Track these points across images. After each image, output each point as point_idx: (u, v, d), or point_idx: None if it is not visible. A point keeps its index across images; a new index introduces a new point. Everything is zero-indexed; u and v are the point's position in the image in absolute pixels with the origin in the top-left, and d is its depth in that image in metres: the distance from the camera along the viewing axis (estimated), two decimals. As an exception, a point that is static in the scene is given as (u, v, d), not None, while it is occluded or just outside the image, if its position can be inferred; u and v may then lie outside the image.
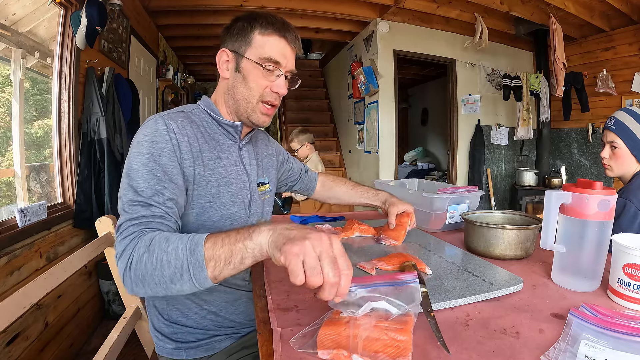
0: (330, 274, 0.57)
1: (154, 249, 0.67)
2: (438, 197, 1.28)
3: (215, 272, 0.64)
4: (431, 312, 0.67)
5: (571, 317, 0.66)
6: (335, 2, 4.10)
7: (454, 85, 4.75)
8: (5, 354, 1.63)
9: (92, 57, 2.59)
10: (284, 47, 0.95)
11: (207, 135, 0.98)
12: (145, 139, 0.84)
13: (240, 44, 0.95)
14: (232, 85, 0.98)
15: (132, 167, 0.81)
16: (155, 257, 0.66)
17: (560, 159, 4.94)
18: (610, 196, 0.79)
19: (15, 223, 1.85)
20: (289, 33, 0.95)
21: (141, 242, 0.70)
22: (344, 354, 0.55)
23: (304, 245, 0.57)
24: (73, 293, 2.29)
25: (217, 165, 0.96)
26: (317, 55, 7.45)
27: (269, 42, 0.93)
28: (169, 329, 1.00)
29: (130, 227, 0.74)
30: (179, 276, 0.65)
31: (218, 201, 0.95)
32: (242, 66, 0.95)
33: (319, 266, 0.57)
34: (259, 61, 0.93)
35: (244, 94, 0.96)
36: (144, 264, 0.67)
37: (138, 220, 0.75)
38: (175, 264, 0.65)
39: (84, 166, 2.41)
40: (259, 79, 0.95)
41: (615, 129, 1.41)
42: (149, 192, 0.78)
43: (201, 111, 1.01)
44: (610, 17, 4.00)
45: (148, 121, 0.88)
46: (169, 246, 0.66)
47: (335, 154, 6.33)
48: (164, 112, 0.92)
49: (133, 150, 0.84)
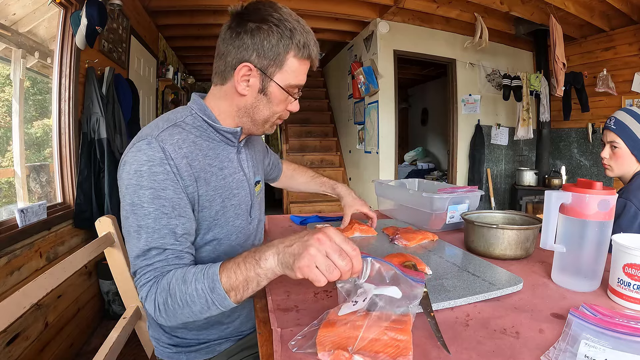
0: (343, 264, 0.61)
1: (174, 292, 0.71)
2: (438, 197, 1.28)
3: (237, 298, 0.69)
4: (431, 312, 0.67)
5: (571, 317, 0.66)
6: (335, 2, 4.10)
7: (454, 85, 4.75)
8: (5, 354, 1.63)
9: (92, 57, 2.59)
10: (308, 69, 0.90)
11: (206, 145, 0.89)
12: (144, 168, 0.76)
13: (269, 63, 0.83)
14: (251, 106, 0.88)
15: (136, 203, 0.76)
16: (179, 298, 0.70)
17: (560, 159, 4.94)
18: (610, 196, 0.79)
19: (15, 223, 1.85)
20: (315, 52, 0.88)
21: (160, 288, 0.73)
22: (345, 355, 0.55)
23: (310, 255, 0.61)
24: (73, 293, 2.29)
25: (219, 179, 0.90)
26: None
27: (302, 69, 0.87)
28: (168, 337, 1.00)
29: (147, 274, 0.76)
30: (206, 309, 0.70)
31: (223, 218, 0.92)
32: (269, 90, 0.86)
33: (332, 262, 0.61)
34: (288, 89, 0.87)
35: (265, 116, 0.90)
36: (170, 307, 0.72)
37: (152, 266, 0.76)
38: (200, 301, 0.69)
39: (84, 166, 2.41)
40: (283, 104, 0.90)
41: (616, 129, 1.41)
42: (161, 232, 0.76)
43: (195, 118, 0.90)
44: (610, 17, 4.00)
45: (141, 142, 0.79)
46: (188, 288, 0.70)
47: (335, 154, 6.33)
48: (156, 129, 0.82)
49: (132, 180, 0.76)
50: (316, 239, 0.62)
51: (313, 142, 6.43)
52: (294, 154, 6.10)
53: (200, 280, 0.69)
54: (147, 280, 0.75)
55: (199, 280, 0.69)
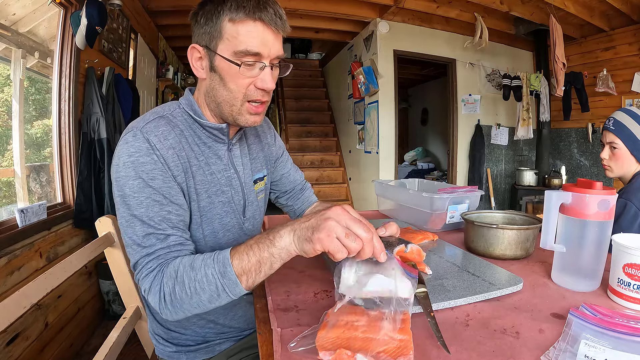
0: (364, 233, 0.61)
1: (182, 280, 0.69)
2: (438, 197, 1.28)
3: (249, 283, 0.67)
4: (431, 312, 0.67)
5: (571, 317, 0.66)
6: (335, 2, 4.10)
7: (454, 85, 4.75)
8: (5, 354, 1.63)
9: (91, 57, 2.59)
10: (263, 31, 0.77)
11: (192, 140, 0.87)
12: (131, 159, 0.75)
13: (210, 37, 0.79)
14: (210, 87, 0.84)
15: (127, 194, 0.75)
16: (187, 286, 0.68)
17: (560, 158, 4.94)
18: (610, 196, 0.79)
19: (15, 223, 1.85)
20: (266, 12, 0.76)
21: (166, 276, 0.71)
22: (347, 354, 0.55)
23: (329, 226, 0.60)
24: (73, 293, 2.29)
25: (206, 174, 0.88)
26: (317, 55, 7.45)
27: (242, 30, 0.76)
28: (168, 335, 1.00)
29: (149, 263, 0.73)
30: (216, 296, 0.68)
31: (210, 213, 0.89)
32: (216, 65, 0.80)
33: (352, 233, 0.61)
34: (234, 58, 0.77)
35: (225, 97, 0.82)
36: (177, 296, 0.69)
37: (155, 254, 0.74)
38: (210, 288, 0.67)
39: (84, 166, 2.41)
40: (239, 78, 0.80)
41: (615, 130, 1.41)
42: (155, 219, 0.75)
43: (183, 112, 0.88)
44: (610, 17, 4.01)
45: (126, 135, 0.78)
46: (197, 274, 0.68)
47: (335, 154, 6.33)
48: (142, 122, 0.81)
49: (121, 172, 0.76)
50: (335, 212, 0.62)
51: (313, 142, 6.43)
52: (294, 154, 6.10)
53: (211, 265, 0.68)
54: (150, 270, 0.73)
55: (208, 266, 0.68)
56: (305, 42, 7.23)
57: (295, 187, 1.21)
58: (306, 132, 6.57)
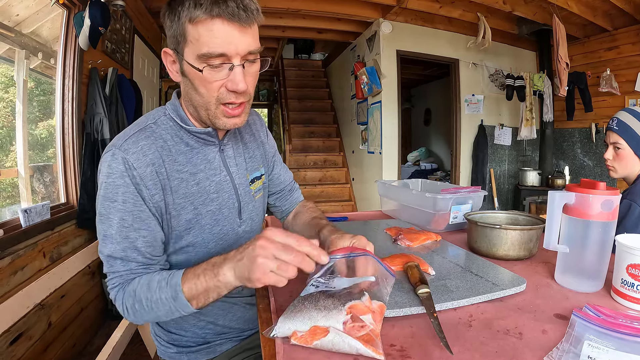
0: (293, 258, 0.61)
1: (140, 299, 0.75)
2: (441, 197, 1.28)
3: (199, 305, 0.72)
4: (434, 312, 0.67)
5: (574, 318, 0.65)
6: (337, 3, 4.10)
7: (457, 85, 4.74)
8: (8, 354, 1.63)
9: (95, 58, 2.60)
10: (225, 29, 0.71)
11: (177, 149, 0.84)
12: (108, 181, 0.76)
13: (176, 40, 0.75)
14: (185, 92, 0.82)
15: (102, 213, 0.78)
16: (144, 304, 0.74)
17: (563, 159, 4.92)
18: (613, 196, 0.79)
19: (18, 223, 1.86)
20: (226, 6, 0.70)
21: (127, 294, 0.77)
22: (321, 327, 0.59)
23: (260, 264, 0.61)
24: (76, 293, 2.29)
25: (190, 186, 0.85)
26: (320, 56, 7.46)
27: (203, 30, 0.71)
28: (168, 337, 1.01)
29: (113, 279, 0.79)
30: (171, 313, 0.74)
31: (197, 225, 0.87)
32: (184, 69, 0.77)
33: (282, 262, 0.61)
34: (198, 62, 0.73)
35: (199, 101, 0.79)
36: (137, 310, 0.76)
37: (118, 274, 0.79)
38: (164, 307, 0.73)
39: (87, 166, 2.42)
40: (207, 83, 0.75)
41: (618, 130, 1.40)
42: (122, 245, 0.77)
43: (168, 119, 0.86)
44: (613, 17, 3.99)
45: (106, 153, 0.78)
46: (152, 295, 0.73)
47: (338, 154, 6.33)
48: (122, 137, 0.80)
49: (100, 191, 0.78)
50: (260, 246, 0.62)
51: (316, 143, 6.43)
52: (297, 154, 6.11)
53: (164, 289, 0.72)
54: (114, 285, 0.79)
55: (162, 290, 0.72)
56: (308, 43, 7.23)
57: (284, 188, 1.17)
58: (309, 132, 6.57)
